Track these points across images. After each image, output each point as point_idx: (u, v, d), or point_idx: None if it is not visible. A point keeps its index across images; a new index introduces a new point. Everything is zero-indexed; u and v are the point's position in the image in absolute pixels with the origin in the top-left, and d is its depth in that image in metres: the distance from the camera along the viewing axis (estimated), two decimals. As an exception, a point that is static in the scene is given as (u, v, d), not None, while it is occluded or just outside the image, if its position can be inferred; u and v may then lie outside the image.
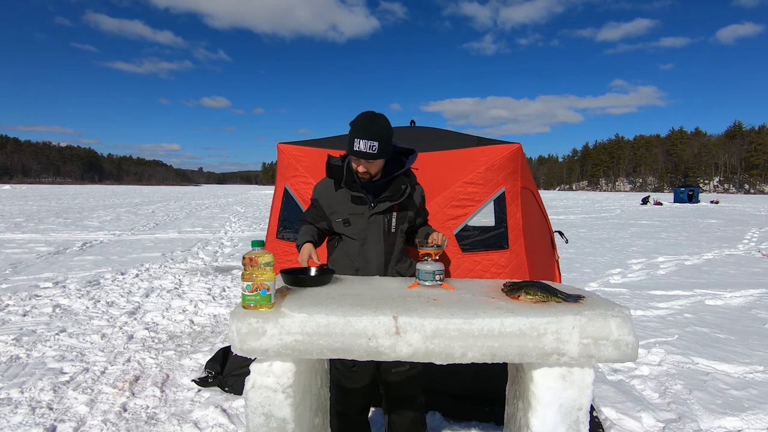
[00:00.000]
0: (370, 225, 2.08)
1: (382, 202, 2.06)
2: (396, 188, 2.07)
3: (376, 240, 2.09)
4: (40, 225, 13.36)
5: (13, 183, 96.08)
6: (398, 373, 2.10)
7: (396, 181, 2.08)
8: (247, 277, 1.50)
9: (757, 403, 3.00)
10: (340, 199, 2.09)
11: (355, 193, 2.05)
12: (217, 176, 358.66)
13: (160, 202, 29.33)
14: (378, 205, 2.06)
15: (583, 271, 7.51)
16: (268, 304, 1.51)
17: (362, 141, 1.90)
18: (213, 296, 5.53)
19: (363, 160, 1.95)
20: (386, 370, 2.10)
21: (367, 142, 1.90)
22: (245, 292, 1.50)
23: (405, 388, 2.14)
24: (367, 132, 1.91)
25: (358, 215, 2.07)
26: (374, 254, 2.09)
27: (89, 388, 3.06)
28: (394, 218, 2.09)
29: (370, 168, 1.99)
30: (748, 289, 6.24)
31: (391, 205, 2.07)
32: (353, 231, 2.09)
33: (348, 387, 2.12)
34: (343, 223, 2.09)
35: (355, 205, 2.07)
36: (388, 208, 2.07)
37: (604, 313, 1.49)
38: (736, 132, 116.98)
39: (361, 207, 2.07)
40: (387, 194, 2.05)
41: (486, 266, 2.85)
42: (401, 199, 2.07)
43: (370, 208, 2.07)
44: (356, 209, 2.07)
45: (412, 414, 2.18)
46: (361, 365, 2.06)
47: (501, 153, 2.88)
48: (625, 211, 24.31)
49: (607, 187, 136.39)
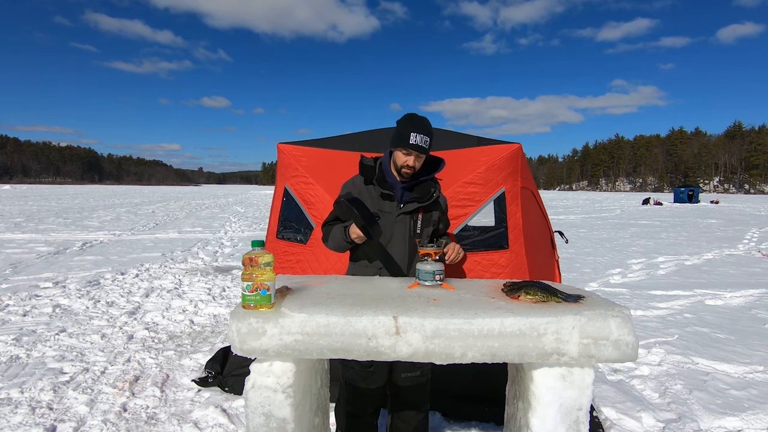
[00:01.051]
0: (396, 224, 2.10)
1: (410, 203, 2.09)
2: (425, 191, 2.10)
3: (401, 239, 2.10)
4: (40, 225, 13.36)
5: (13, 183, 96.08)
6: (408, 379, 2.11)
7: (424, 184, 2.12)
8: (247, 277, 1.50)
9: (757, 403, 3.00)
10: (371, 195, 2.11)
11: (386, 190, 2.08)
12: (217, 176, 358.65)
13: (160, 202, 29.33)
14: (406, 205, 2.09)
15: (583, 271, 7.51)
16: (268, 304, 1.51)
17: (418, 135, 1.98)
18: (213, 296, 5.53)
19: (415, 153, 2.01)
20: (397, 373, 2.11)
21: (422, 136, 1.99)
22: (245, 292, 1.51)
23: (413, 395, 2.15)
24: (421, 128, 2.00)
25: (386, 213, 2.09)
26: (398, 253, 2.11)
27: (89, 388, 3.06)
28: (420, 220, 2.11)
29: (417, 163, 2.04)
30: (748, 289, 6.24)
31: (418, 207, 2.10)
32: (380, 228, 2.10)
33: (362, 387, 2.10)
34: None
35: (383, 201, 2.10)
36: (414, 210, 2.10)
37: (604, 313, 1.49)
38: (736, 132, 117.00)
39: (390, 204, 2.10)
40: (415, 195, 2.09)
41: (486, 266, 2.85)
42: (429, 201, 2.10)
43: (398, 208, 2.10)
44: (385, 206, 2.10)
45: (415, 422, 2.18)
46: (378, 366, 2.06)
47: (501, 153, 2.88)
48: (625, 211, 24.31)
49: (607, 187, 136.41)
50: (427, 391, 2.19)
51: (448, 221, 2.32)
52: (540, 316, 1.46)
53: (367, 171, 2.13)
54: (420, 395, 2.16)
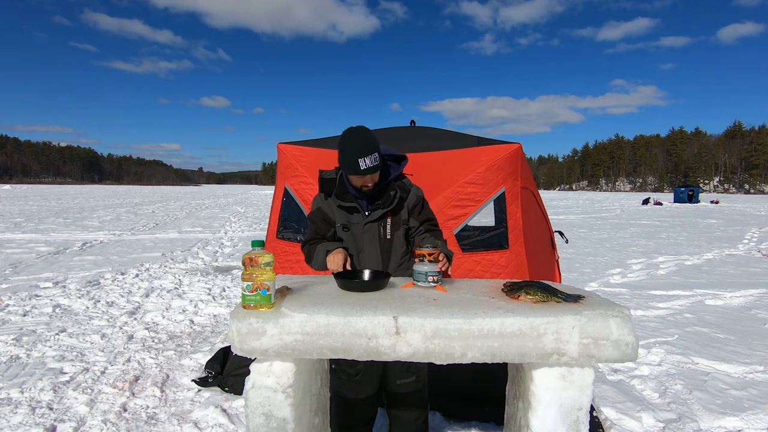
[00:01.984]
0: (365, 233, 2.09)
1: (375, 210, 2.06)
2: (386, 196, 2.07)
3: (371, 248, 2.10)
4: (40, 225, 13.36)
5: (13, 183, 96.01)
6: (403, 386, 2.08)
7: (387, 188, 2.08)
8: (247, 277, 1.50)
9: (757, 403, 3.00)
10: (336, 209, 2.11)
11: (348, 203, 2.06)
12: (217, 176, 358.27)
13: (160, 202, 29.33)
14: (371, 214, 2.07)
15: (583, 271, 7.51)
16: (268, 304, 1.52)
17: (366, 158, 1.89)
18: (213, 296, 5.53)
19: (370, 175, 1.95)
20: (392, 381, 2.08)
21: (370, 157, 1.90)
22: (245, 292, 1.51)
23: (411, 401, 2.12)
24: (366, 149, 1.90)
25: (354, 224, 2.09)
26: (371, 262, 2.10)
27: (89, 388, 3.06)
28: (389, 225, 2.09)
29: (374, 180, 2.00)
30: (748, 289, 6.24)
31: (384, 212, 2.07)
32: (350, 238, 2.11)
33: (351, 398, 2.09)
34: (343, 228, 2.11)
35: (349, 214, 2.10)
36: (382, 215, 2.07)
37: (604, 313, 1.49)
38: (736, 132, 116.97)
39: (356, 216, 2.09)
40: (379, 202, 2.06)
41: (486, 266, 2.85)
42: (392, 205, 2.07)
43: (364, 217, 2.08)
44: (352, 218, 2.10)
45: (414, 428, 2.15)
46: (365, 374, 2.04)
47: (501, 153, 2.89)
48: (625, 211, 24.31)
49: (607, 187, 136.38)
50: (425, 396, 2.16)
51: (428, 212, 2.19)
52: (540, 316, 1.46)
53: (326, 185, 2.09)
54: (418, 401, 2.13)
